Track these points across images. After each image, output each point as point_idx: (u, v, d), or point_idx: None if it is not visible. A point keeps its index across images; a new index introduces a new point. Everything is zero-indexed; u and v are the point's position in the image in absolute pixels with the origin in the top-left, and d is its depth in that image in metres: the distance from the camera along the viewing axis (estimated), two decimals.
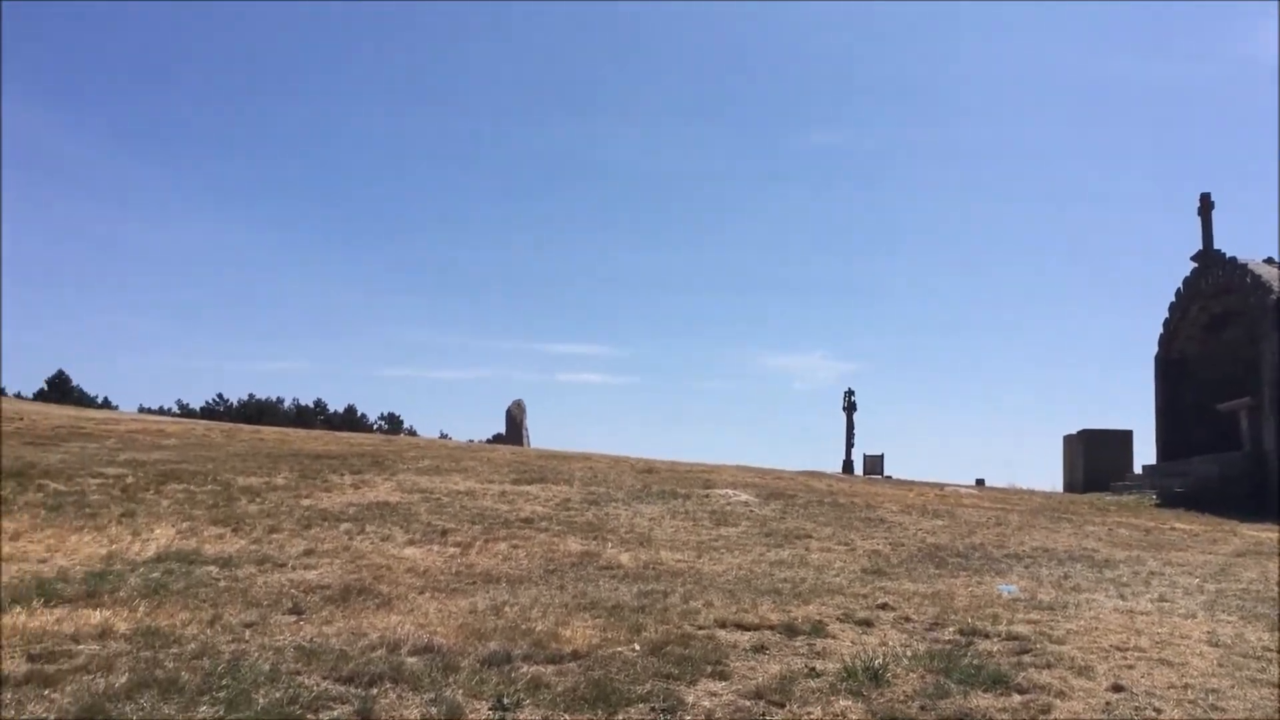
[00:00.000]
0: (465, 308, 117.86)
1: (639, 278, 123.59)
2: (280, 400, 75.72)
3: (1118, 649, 7.22)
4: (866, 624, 7.78)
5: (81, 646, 6.10)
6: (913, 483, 23.58)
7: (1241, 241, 66.62)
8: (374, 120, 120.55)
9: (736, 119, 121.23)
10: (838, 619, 7.92)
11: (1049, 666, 6.61)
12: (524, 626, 7.03)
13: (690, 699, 5.64)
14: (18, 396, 55.09)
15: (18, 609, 6.79)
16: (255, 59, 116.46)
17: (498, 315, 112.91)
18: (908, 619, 8.05)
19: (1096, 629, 7.89)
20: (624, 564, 9.88)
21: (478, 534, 10.99)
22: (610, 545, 10.90)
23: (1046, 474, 53.57)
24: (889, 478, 28.20)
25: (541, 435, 36.11)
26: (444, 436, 63.97)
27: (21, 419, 23.04)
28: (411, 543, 10.29)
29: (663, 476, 17.69)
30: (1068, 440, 28.47)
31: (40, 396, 59.18)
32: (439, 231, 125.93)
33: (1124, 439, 27.64)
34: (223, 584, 7.94)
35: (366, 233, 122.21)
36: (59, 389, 63.58)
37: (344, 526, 10.87)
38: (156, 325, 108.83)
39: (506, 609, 7.60)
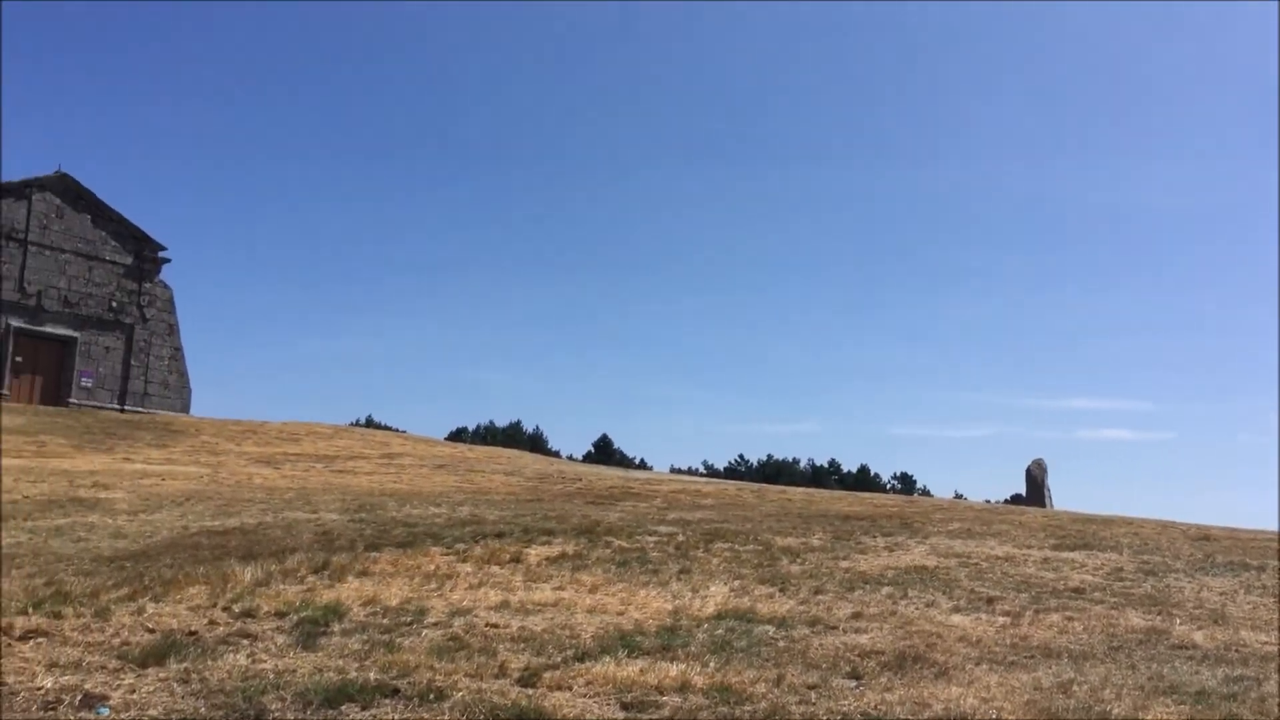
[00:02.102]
0: (976, 363, 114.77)
1: (1165, 325, 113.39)
2: (795, 460, 78.25)
3: None
4: None
5: (664, 698, 6.55)
6: None
7: None
8: (868, 179, 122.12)
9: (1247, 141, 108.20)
10: None
11: None
12: (1098, 709, 6.55)
13: None
14: (570, 458, 61.57)
15: (607, 658, 7.44)
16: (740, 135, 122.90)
17: (1011, 370, 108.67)
18: None
19: None
20: (1198, 643, 8.93)
21: (1025, 603, 10.48)
22: (1179, 621, 9.91)
23: None
24: None
25: (1063, 496, 34.08)
26: (959, 496, 62.45)
27: (580, 480, 25.66)
28: (957, 610, 10.02)
29: (1224, 545, 15.89)
30: None
31: (588, 458, 65.82)
32: (942, 287, 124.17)
33: None
34: (781, 644, 8.19)
35: (866, 294, 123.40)
36: (603, 451, 70.36)
37: (885, 590, 10.84)
38: (685, 391, 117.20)
39: (1074, 687, 7.12)
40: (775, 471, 69.66)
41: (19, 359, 40.07)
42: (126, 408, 41.95)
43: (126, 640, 7.82)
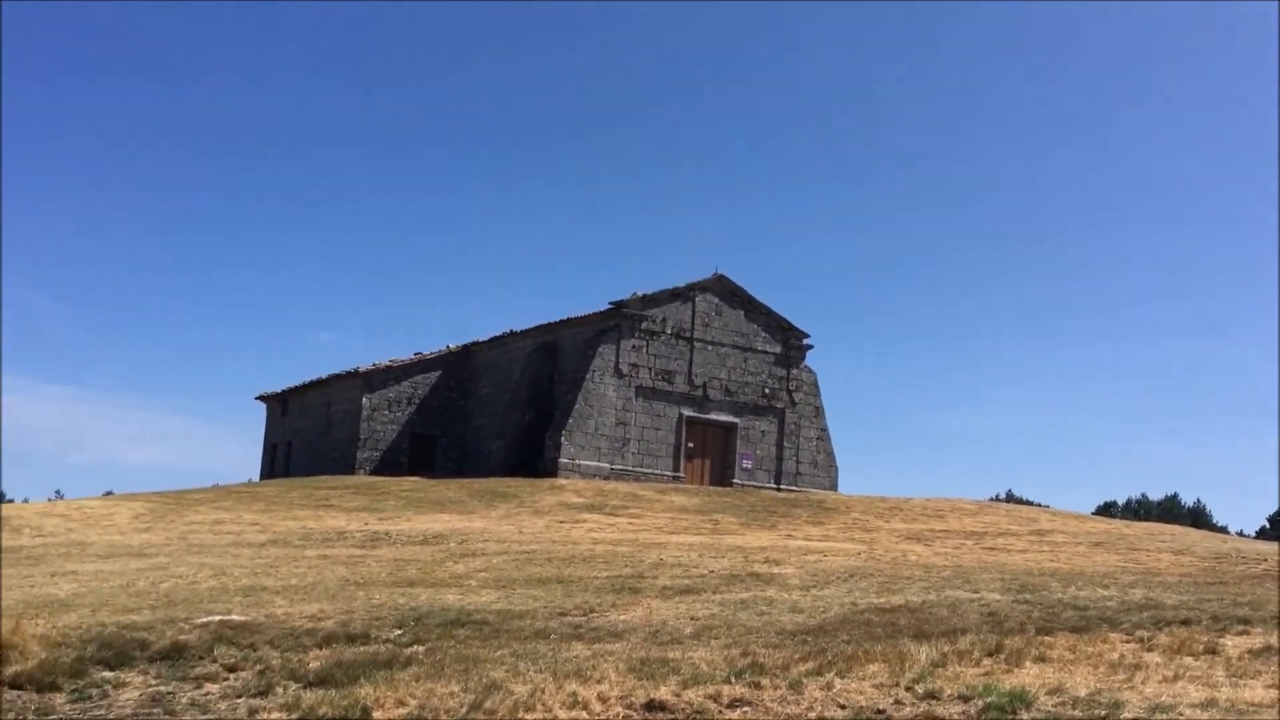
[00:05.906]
0: None
1: None
2: None
3: None
4: None
5: None
6: None
7: None
8: None
9: None
10: None
11: None
12: None
13: None
14: (1239, 534, 55.06)
15: None
16: None
17: None
18: None
19: None
20: None
21: None
22: None
23: None
24: None
25: None
26: None
27: (1265, 560, 22.79)
28: None
29: None
30: None
31: (1262, 534, 58.35)
32: None
33: None
34: None
35: None
36: None
37: None
38: None
39: None
40: None
41: (690, 445, 44.85)
42: (782, 486, 45.05)
43: (821, 715, 8.24)
